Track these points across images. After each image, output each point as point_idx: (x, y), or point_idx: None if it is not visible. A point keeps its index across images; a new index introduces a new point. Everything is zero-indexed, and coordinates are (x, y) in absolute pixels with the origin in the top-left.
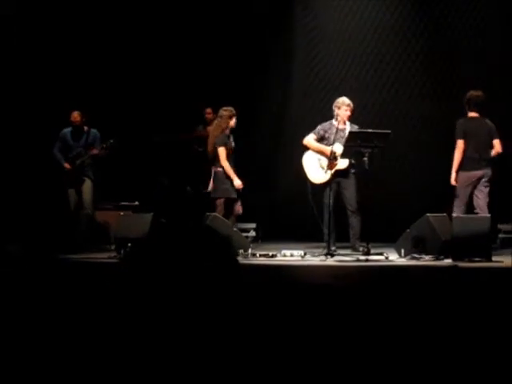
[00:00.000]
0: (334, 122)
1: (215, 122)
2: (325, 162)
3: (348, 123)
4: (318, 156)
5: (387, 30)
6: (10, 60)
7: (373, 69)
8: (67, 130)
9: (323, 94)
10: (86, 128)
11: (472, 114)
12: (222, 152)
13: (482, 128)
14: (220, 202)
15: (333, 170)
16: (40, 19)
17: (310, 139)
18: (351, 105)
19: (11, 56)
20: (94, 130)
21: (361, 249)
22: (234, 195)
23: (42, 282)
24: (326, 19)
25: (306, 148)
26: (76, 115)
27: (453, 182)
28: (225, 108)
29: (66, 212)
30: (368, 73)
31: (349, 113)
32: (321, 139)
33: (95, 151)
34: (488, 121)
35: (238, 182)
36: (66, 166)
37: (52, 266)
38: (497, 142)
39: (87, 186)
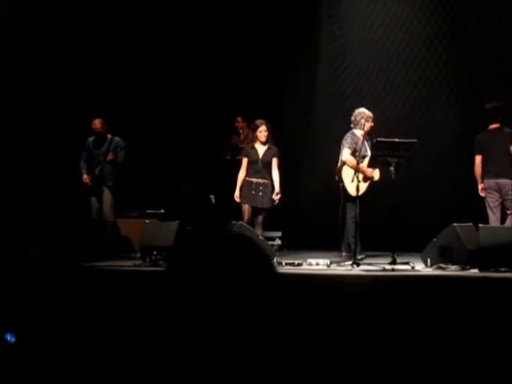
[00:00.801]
0: (357, 132)
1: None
2: (361, 175)
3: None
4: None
5: (414, 37)
6: (19, 64)
7: (400, 76)
8: (91, 139)
9: (349, 102)
10: (109, 136)
11: (492, 126)
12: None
13: (498, 139)
14: (246, 209)
15: (367, 182)
16: (49, 20)
17: (349, 156)
18: (372, 117)
19: (21, 62)
20: (117, 138)
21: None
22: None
23: (59, 287)
24: (352, 27)
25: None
26: (97, 122)
27: (480, 192)
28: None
29: (88, 219)
30: (395, 80)
31: (372, 125)
32: (354, 151)
33: (110, 157)
34: (507, 129)
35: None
36: (85, 178)
37: (71, 273)
38: None
39: (106, 194)
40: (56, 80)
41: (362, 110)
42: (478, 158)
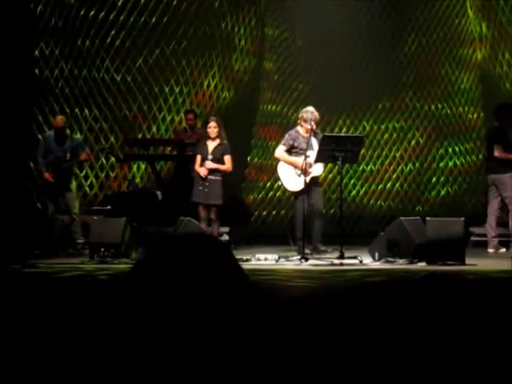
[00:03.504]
0: (299, 129)
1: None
2: (299, 170)
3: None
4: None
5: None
6: None
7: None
8: (49, 134)
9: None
10: (68, 132)
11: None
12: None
13: (488, 134)
14: (200, 206)
15: (309, 177)
16: None
17: (281, 152)
18: (318, 118)
19: None
20: (78, 137)
21: (323, 248)
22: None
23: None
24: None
25: (279, 160)
26: (59, 120)
27: None
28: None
29: (43, 217)
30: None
31: (315, 126)
32: (291, 148)
33: (84, 156)
34: (494, 124)
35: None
36: (47, 176)
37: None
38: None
39: (72, 192)
40: None
41: (307, 108)
42: None
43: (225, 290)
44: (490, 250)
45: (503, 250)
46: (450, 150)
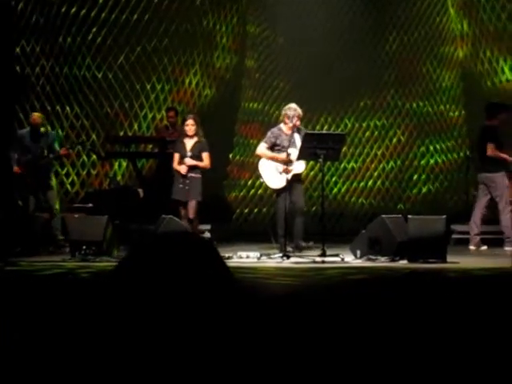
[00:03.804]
0: (282, 127)
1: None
2: (281, 167)
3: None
4: (274, 163)
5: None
6: None
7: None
8: (25, 132)
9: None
10: (42, 129)
11: None
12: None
13: (480, 133)
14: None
15: (290, 175)
16: None
17: (262, 149)
18: (301, 114)
19: None
20: (52, 132)
21: (304, 244)
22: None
23: None
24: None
25: (260, 157)
26: (36, 117)
27: None
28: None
29: (23, 214)
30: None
31: (298, 122)
32: (273, 146)
33: (64, 151)
34: (485, 124)
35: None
36: (16, 169)
37: None
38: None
39: (53, 189)
40: None
41: (290, 105)
42: None
43: (210, 288)
44: (472, 247)
45: (484, 247)
46: (432, 147)
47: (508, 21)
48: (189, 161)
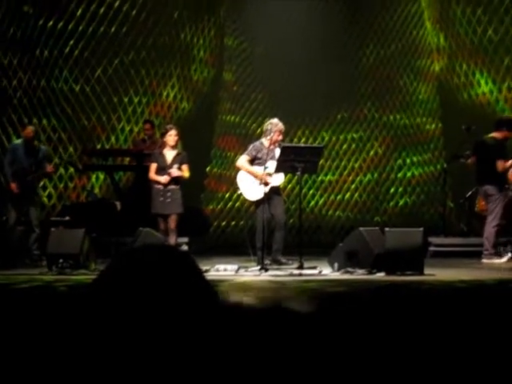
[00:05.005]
0: (264, 141)
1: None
2: (259, 179)
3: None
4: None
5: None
6: None
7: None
8: (19, 144)
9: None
10: (36, 143)
11: None
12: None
13: (488, 148)
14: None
15: (268, 187)
16: None
17: (242, 162)
18: (283, 129)
19: None
20: (43, 147)
21: (284, 260)
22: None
23: None
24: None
25: (239, 169)
26: (30, 130)
27: None
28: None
29: (2, 227)
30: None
31: (281, 137)
32: (254, 159)
33: (50, 169)
34: (495, 137)
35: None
36: (13, 187)
37: None
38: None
39: (36, 205)
40: None
41: (272, 120)
42: None
43: (188, 301)
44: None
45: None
46: (408, 160)
47: (484, 34)
48: (175, 172)
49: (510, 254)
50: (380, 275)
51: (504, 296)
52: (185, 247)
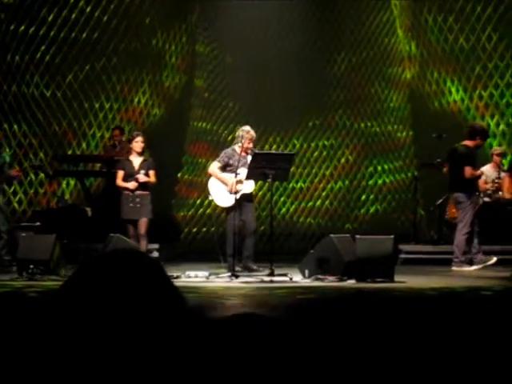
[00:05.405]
0: (236, 148)
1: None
2: (228, 186)
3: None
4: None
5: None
6: None
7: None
8: None
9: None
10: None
11: None
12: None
13: (459, 155)
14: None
15: (239, 194)
16: None
17: (214, 168)
18: (254, 137)
19: None
20: (3, 154)
21: (255, 267)
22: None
23: None
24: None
25: (211, 175)
26: None
27: None
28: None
29: None
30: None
31: (251, 145)
32: (225, 166)
33: (16, 173)
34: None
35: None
36: None
37: None
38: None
39: (1, 209)
40: None
41: (244, 127)
42: None
43: (157, 308)
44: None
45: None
46: (380, 168)
47: (455, 42)
48: (142, 177)
49: (495, 259)
50: (351, 282)
51: (474, 303)
52: (155, 253)
